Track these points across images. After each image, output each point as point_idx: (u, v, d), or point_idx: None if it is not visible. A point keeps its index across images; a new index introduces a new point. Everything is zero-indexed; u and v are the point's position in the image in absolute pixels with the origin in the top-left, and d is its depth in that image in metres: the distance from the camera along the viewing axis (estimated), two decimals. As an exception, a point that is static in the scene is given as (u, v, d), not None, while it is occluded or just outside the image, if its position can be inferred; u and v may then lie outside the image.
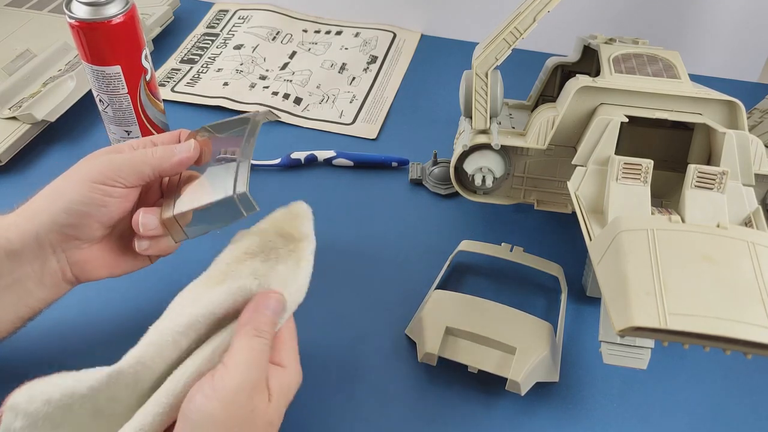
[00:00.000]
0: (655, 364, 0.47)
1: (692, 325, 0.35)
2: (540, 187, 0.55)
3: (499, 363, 0.46)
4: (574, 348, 0.50)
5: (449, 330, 0.47)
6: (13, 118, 0.65)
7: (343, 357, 0.49)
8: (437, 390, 0.47)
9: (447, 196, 0.63)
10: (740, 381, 0.48)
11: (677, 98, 0.49)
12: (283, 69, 0.78)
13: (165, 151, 0.43)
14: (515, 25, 0.49)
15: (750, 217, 0.44)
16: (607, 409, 0.46)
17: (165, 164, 0.43)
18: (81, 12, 0.49)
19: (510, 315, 0.48)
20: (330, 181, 0.64)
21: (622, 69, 0.52)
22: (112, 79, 0.52)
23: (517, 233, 0.59)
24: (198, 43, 0.82)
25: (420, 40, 0.84)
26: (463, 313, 0.48)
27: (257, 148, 0.67)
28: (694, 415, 0.46)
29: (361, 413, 0.46)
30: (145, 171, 0.43)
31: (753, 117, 0.60)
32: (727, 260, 0.37)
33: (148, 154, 0.43)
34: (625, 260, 0.38)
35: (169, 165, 0.43)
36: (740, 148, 0.45)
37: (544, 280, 0.55)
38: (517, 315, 0.48)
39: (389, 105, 0.74)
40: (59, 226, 0.41)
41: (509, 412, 0.46)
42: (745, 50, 0.79)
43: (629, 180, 0.45)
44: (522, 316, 0.48)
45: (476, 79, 0.50)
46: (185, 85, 0.75)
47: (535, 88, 0.64)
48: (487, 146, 0.52)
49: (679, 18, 0.78)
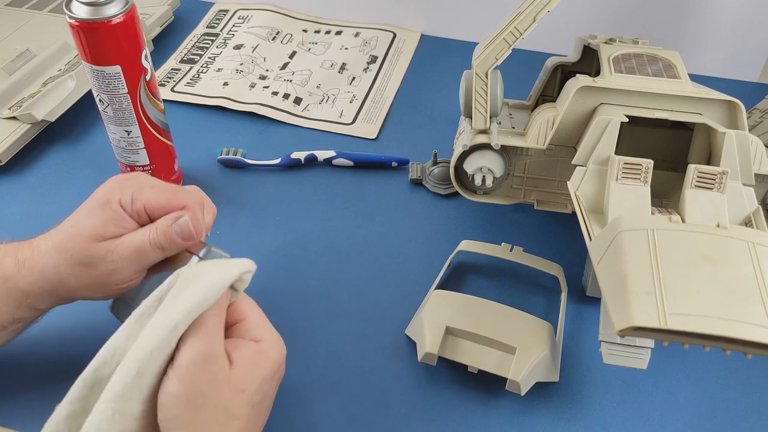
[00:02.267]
0: (655, 364, 0.47)
1: (692, 325, 0.35)
2: (540, 187, 0.55)
3: (499, 363, 0.45)
4: (574, 348, 0.50)
5: (449, 330, 0.47)
6: (13, 118, 0.65)
7: (343, 357, 0.49)
8: (437, 390, 0.47)
9: (447, 196, 0.63)
10: (740, 381, 0.48)
11: (677, 98, 0.49)
12: (283, 69, 0.78)
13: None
14: (515, 25, 0.49)
15: (750, 217, 0.44)
16: (607, 409, 0.46)
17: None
18: (81, 12, 0.49)
19: (510, 315, 0.48)
20: (330, 181, 0.64)
21: (622, 69, 0.52)
22: (112, 79, 0.52)
23: (517, 233, 0.59)
24: (198, 43, 0.82)
25: (420, 40, 0.84)
26: (463, 313, 0.48)
27: (257, 148, 0.67)
28: (694, 415, 0.46)
29: (362, 413, 0.46)
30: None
31: (753, 117, 0.60)
32: (727, 260, 0.37)
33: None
34: (625, 260, 0.38)
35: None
36: (740, 148, 0.45)
37: (544, 280, 0.55)
38: (517, 315, 0.48)
39: (389, 105, 0.74)
40: (68, 291, 0.43)
41: (509, 411, 0.46)
42: (745, 50, 0.79)
43: (629, 180, 0.45)
44: (522, 316, 0.48)
45: (476, 79, 0.50)
46: (185, 85, 0.75)
47: (535, 88, 0.64)
48: (487, 146, 0.52)
49: (679, 18, 0.78)
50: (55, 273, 0.42)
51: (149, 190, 0.43)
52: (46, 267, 0.42)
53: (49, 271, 0.42)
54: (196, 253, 0.44)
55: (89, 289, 0.42)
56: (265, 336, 0.39)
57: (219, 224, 0.59)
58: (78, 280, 0.42)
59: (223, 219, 0.60)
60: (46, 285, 0.42)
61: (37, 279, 0.42)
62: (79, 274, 0.42)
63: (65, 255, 0.41)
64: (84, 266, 0.41)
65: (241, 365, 0.37)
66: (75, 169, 0.65)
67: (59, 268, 0.41)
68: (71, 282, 0.42)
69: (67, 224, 0.43)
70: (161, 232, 0.42)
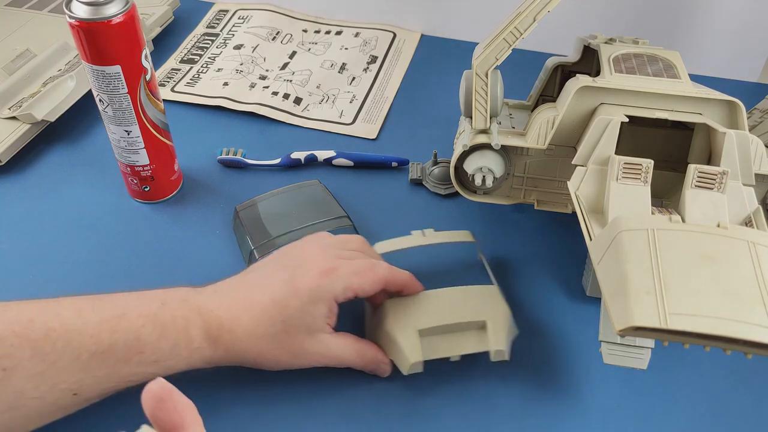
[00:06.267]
0: (655, 364, 0.47)
1: (692, 324, 0.35)
2: (540, 187, 0.55)
3: (477, 341, 0.46)
4: (574, 348, 0.50)
5: (422, 332, 0.46)
6: (13, 118, 0.65)
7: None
8: (437, 389, 0.47)
9: (447, 196, 0.63)
10: (740, 381, 0.48)
11: (677, 98, 0.49)
12: (283, 69, 0.78)
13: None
14: (515, 25, 0.49)
15: (750, 217, 0.44)
16: (607, 409, 0.46)
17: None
18: (81, 12, 0.49)
19: (461, 294, 0.48)
20: (330, 181, 0.64)
21: (622, 69, 0.52)
22: (112, 79, 0.52)
23: (517, 233, 0.59)
24: (198, 43, 0.82)
25: (420, 40, 0.84)
26: (423, 311, 0.47)
27: (257, 148, 0.67)
28: (694, 415, 0.46)
29: (362, 414, 0.46)
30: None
31: (753, 117, 0.60)
32: (727, 260, 0.37)
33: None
34: (625, 260, 0.38)
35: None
36: (740, 148, 0.45)
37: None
38: (467, 291, 0.48)
39: (389, 105, 0.74)
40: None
41: (509, 411, 0.46)
42: (745, 50, 0.79)
43: (629, 180, 0.45)
44: (472, 290, 0.48)
45: (476, 79, 0.50)
46: (185, 85, 0.75)
47: (535, 88, 0.64)
48: (487, 146, 0.52)
49: (679, 18, 0.78)
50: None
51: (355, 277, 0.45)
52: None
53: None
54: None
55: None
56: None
57: (219, 224, 0.59)
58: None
59: (223, 219, 0.60)
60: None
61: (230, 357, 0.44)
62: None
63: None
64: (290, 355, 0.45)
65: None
66: (75, 169, 0.65)
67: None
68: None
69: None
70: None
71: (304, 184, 0.60)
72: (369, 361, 0.46)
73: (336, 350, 0.45)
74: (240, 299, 0.44)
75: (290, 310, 0.43)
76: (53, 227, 0.59)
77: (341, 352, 0.45)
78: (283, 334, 0.43)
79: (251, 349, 0.43)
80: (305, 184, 0.60)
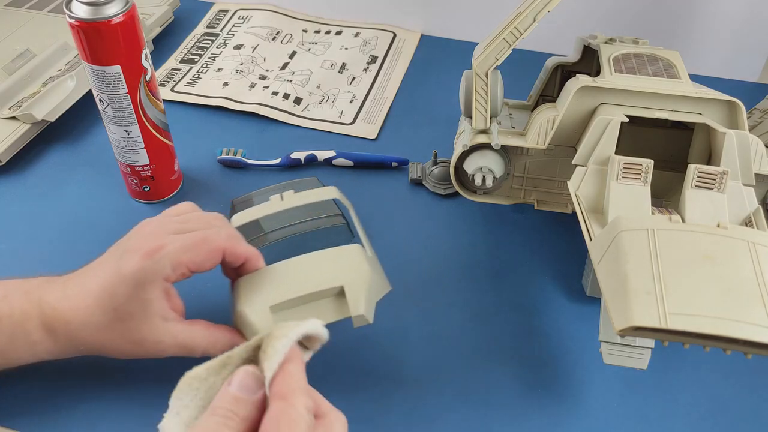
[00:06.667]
0: (655, 364, 0.47)
1: (692, 324, 0.35)
2: (540, 187, 0.55)
3: (336, 309, 0.42)
4: (574, 348, 0.50)
5: (274, 308, 0.42)
6: (13, 118, 0.65)
7: (342, 357, 0.49)
8: (437, 389, 0.47)
9: (447, 196, 0.63)
10: (740, 381, 0.48)
11: (677, 98, 0.49)
12: (283, 69, 0.78)
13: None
14: (515, 25, 0.49)
15: (750, 216, 0.44)
16: (607, 409, 0.46)
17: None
18: (81, 12, 0.49)
19: (316, 259, 0.44)
20: (330, 181, 0.64)
21: (622, 69, 0.52)
22: (112, 79, 0.52)
23: (517, 233, 0.59)
24: (198, 43, 0.82)
25: (420, 40, 0.84)
26: (275, 285, 0.43)
27: (257, 148, 0.67)
28: (694, 415, 0.46)
29: (361, 413, 0.46)
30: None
31: (753, 117, 0.60)
32: (727, 260, 0.37)
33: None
34: (625, 260, 0.38)
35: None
36: (740, 148, 0.45)
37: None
38: (322, 255, 0.45)
39: (389, 105, 0.74)
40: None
41: (509, 411, 0.46)
42: (745, 50, 0.79)
43: (629, 180, 0.45)
44: (327, 253, 0.45)
45: (476, 79, 0.50)
46: (185, 85, 0.75)
47: (535, 88, 0.64)
48: (487, 146, 0.52)
49: (679, 18, 0.78)
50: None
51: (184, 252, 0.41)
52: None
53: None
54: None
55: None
56: (323, 413, 0.36)
57: (219, 224, 0.59)
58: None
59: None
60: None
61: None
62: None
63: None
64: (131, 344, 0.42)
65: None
66: (75, 169, 0.65)
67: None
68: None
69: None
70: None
71: (302, 181, 0.60)
72: (224, 348, 0.40)
73: (183, 338, 0.42)
74: (78, 288, 0.42)
75: (120, 298, 0.40)
76: (53, 227, 0.59)
77: (190, 340, 0.42)
78: (117, 322, 0.41)
79: (90, 339, 0.41)
80: (303, 180, 0.60)
